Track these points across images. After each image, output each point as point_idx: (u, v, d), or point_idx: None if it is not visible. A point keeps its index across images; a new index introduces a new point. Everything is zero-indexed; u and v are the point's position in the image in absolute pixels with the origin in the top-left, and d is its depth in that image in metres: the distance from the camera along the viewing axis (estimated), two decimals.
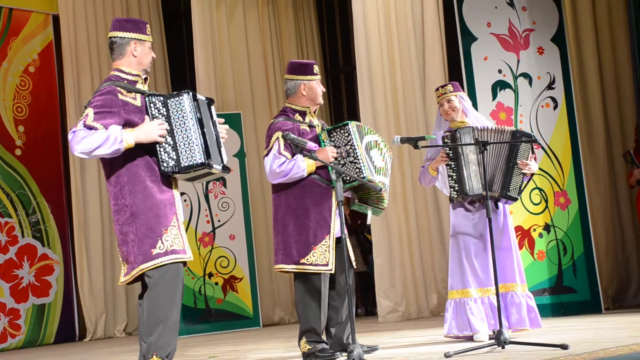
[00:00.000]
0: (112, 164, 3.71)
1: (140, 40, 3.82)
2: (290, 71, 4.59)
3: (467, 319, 4.69)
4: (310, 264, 4.37)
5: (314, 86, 4.56)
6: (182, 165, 3.70)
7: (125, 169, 3.70)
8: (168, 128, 3.69)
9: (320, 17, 10.00)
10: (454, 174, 4.72)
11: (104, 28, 9.13)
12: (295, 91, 4.55)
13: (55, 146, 9.12)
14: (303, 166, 4.37)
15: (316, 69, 4.61)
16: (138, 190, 3.68)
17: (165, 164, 3.69)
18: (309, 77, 4.55)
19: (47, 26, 9.20)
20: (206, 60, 8.58)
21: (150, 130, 3.66)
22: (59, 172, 9.09)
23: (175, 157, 3.69)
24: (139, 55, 3.82)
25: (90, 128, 3.59)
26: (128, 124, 3.67)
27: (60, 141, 9.16)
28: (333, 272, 4.40)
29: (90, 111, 3.63)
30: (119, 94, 3.69)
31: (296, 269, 4.40)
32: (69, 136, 3.62)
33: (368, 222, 4.62)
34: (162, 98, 3.76)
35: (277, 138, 4.43)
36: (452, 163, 4.73)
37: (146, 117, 3.72)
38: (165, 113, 3.71)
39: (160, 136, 3.67)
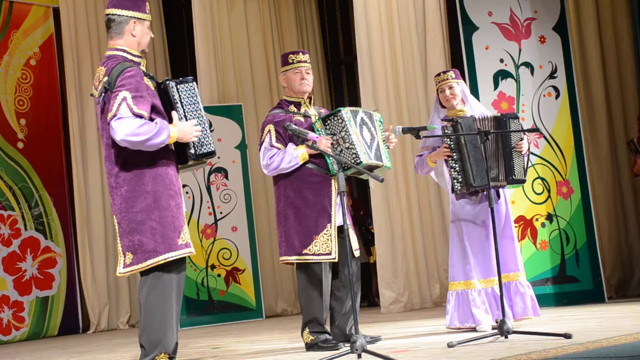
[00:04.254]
0: (128, 149, 3.51)
1: (140, 19, 3.67)
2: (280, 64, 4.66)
3: (470, 311, 4.68)
4: (313, 254, 4.37)
5: (290, 76, 4.57)
6: (198, 152, 3.66)
7: (146, 154, 3.53)
8: (201, 127, 3.62)
9: (320, 7, 9.97)
10: (456, 165, 4.67)
11: (103, 20, 9.10)
12: (283, 84, 4.62)
13: (57, 139, 9.13)
14: (295, 154, 4.37)
15: (292, 57, 4.57)
16: (160, 176, 3.55)
17: (191, 151, 3.63)
18: (285, 67, 4.60)
19: (47, 19, 9.18)
20: (207, 51, 8.56)
21: (187, 130, 3.57)
22: (61, 165, 9.10)
23: (191, 144, 3.64)
24: (138, 35, 3.67)
25: (138, 116, 3.43)
26: (153, 108, 3.55)
27: (62, 134, 9.16)
28: (336, 260, 4.39)
29: (127, 95, 3.44)
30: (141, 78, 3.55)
31: (299, 259, 4.40)
32: (114, 123, 3.41)
33: (371, 187, 4.60)
34: (173, 83, 3.67)
35: (269, 131, 4.46)
36: (454, 154, 4.68)
37: (174, 113, 3.59)
38: (178, 99, 3.65)
39: (194, 137, 3.60)
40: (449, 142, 4.67)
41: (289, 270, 8.80)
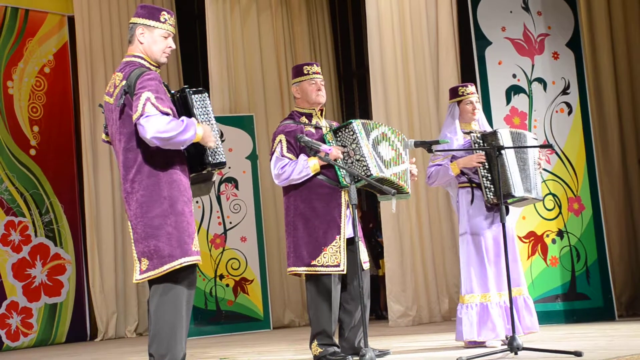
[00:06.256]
0: (146, 153, 3.51)
1: (148, 26, 3.63)
2: (292, 75, 4.66)
3: (492, 323, 4.64)
4: (322, 265, 4.36)
5: (305, 87, 4.56)
6: (213, 161, 3.64)
7: (162, 159, 3.53)
8: (217, 135, 3.61)
9: (333, 19, 10.00)
10: (489, 175, 4.66)
11: (118, 29, 9.18)
12: (295, 94, 4.61)
13: (69, 146, 9.18)
14: (306, 165, 4.36)
15: (307, 69, 4.58)
16: (175, 182, 3.54)
17: (209, 158, 3.62)
18: (299, 78, 4.58)
19: (62, 27, 9.26)
20: (219, 62, 8.60)
21: (209, 133, 3.57)
22: (72, 173, 9.14)
23: (208, 151, 3.62)
24: (146, 42, 3.63)
25: (165, 114, 3.43)
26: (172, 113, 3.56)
27: (74, 141, 9.21)
28: (344, 272, 4.38)
29: (150, 95, 3.43)
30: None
31: (307, 270, 4.39)
32: (143, 120, 3.40)
33: (393, 210, 4.60)
34: (191, 92, 3.66)
35: (280, 141, 4.45)
36: (487, 164, 4.67)
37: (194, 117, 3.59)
38: (195, 108, 3.63)
39: (213, 142, 3.59)
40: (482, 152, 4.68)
41: (297, 281, 8.78)
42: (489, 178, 4.65)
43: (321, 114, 4.62)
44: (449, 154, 4.84)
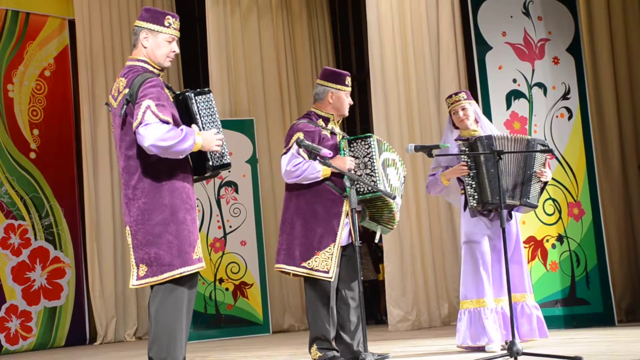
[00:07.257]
0: (148, 160, 3.51)
1: (152, 30, 3.64)
2: (322, 77, 4.64)
3: (484, 329, 4.65)
4: (311, 269, 4.36)
5: (342, 97, 4.58)
6: (216, 164, 3.62)
7: (164, 166, 3.52)
8: (222, 137, 3.60)
9: (334, 23, 10.02)
10: (473, 182, 4.69)
11: (119, 33, 9.19)
12: (323, 97, 4.58)
13: (69, 150, 9.18)
14: (319, 168, 4.37)
15: (348, 80, 4.63)
16: (177, 189, 3.54)
17: (209, 163, 3.60)
18: (339, 86, 4.59)
19: (63, 31, 9.27)
20: (220, 66, 8.61)
21: (210, 139, 3.55)
22: (72, 176, 9.14)
23: (209, 155, 3.61)
24: (150, 46, 3.63)
25: (164, 122, 3.42)
26: (173, 119, 3.53)
27: (74, 145, 9.21)
28: (332, 280, 4.38)
29: (151, 103, 3.43)
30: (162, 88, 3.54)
31: (296, 271, 4.40)
32: (142, 129, 3.39)
33: (376, 240, 4.65)
34: (192, 94, 3.65)
35: (298, 138, 4.45)
36: (471, 172, 4.69)
37: (194, 125, 3.58)
38: (197, 110, 3.62)
39: (216, 146, 3.58)
40: (466, 160, 4.69)
41: (297, 286, 8.78)
42: (473, 186, 4.68)
43: (338, 121, 4.65)
44: (446, 162, 4.87)
